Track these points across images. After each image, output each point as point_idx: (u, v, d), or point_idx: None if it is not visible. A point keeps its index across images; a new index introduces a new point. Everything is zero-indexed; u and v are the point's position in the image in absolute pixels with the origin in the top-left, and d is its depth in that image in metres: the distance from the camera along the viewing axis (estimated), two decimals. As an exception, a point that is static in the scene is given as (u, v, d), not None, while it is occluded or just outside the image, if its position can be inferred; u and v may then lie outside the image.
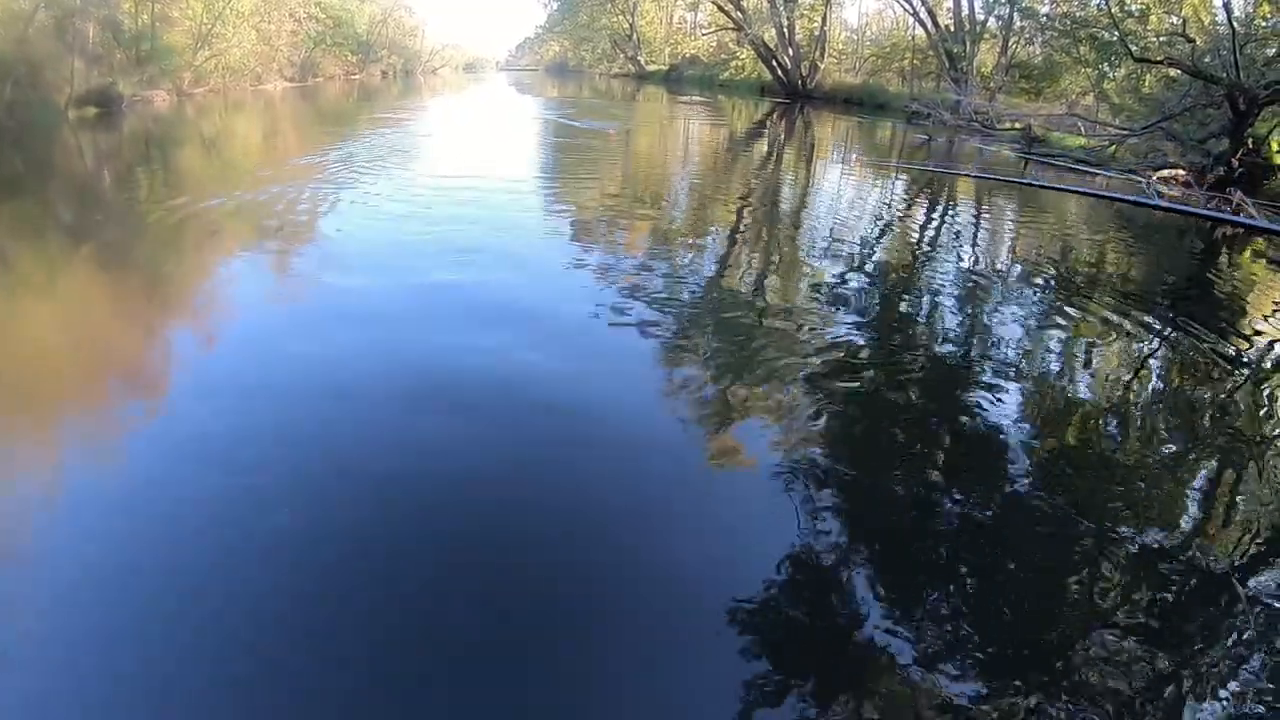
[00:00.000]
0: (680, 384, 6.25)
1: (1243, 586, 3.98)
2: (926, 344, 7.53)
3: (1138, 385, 7.16)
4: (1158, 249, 13.16)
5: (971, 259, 11.41)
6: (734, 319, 7.88)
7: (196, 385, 5.57)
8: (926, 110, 26.33)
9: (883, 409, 6.00)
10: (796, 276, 9.74)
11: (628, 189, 15.21)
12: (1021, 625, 3.65)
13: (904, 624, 3.49)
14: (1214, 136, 17.50)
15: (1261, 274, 12.01)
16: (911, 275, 10.26)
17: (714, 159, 20.96)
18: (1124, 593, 3.94)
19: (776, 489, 4.67)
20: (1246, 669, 3.43)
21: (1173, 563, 4.22)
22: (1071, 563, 4.16)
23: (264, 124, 23.12)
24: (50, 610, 3.31)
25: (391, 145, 19.10)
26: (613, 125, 24.76)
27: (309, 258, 9.27)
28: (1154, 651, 3.47)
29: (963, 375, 6.83)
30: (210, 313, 7.66)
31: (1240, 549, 4.41)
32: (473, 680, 2.97)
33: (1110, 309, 9.12)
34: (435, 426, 5.01)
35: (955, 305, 9.04)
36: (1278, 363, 8.03)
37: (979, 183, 18.14)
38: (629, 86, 51.71)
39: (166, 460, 4.48)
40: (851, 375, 6.49)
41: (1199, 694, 3.27)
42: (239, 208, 11.81)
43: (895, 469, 5.15)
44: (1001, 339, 7.97)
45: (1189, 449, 5.82)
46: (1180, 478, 5.35)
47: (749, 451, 5.27)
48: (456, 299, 8.00)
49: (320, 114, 26.41)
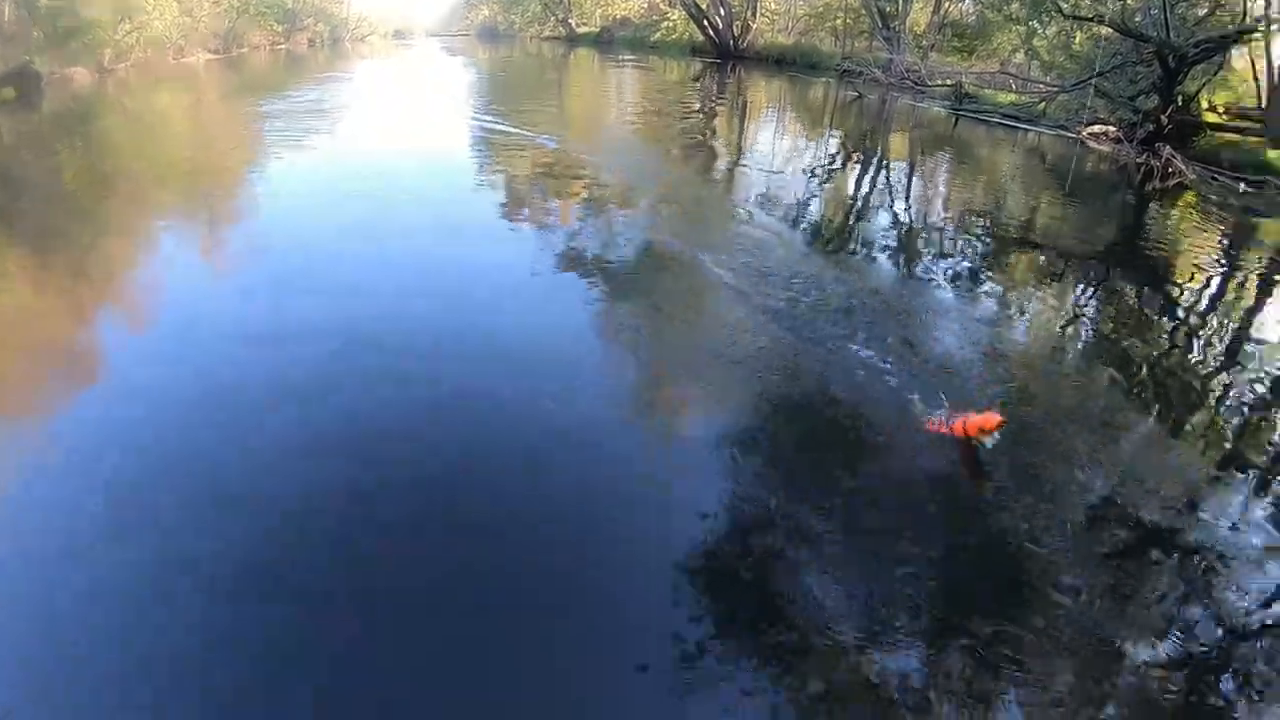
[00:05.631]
0: (612, 339, 5.96)
1: (1175, 527, 4.02)
2: (861, 298, 6.98)
3: (1073, 333, 7.03)
4: (1090, 203, 12.86)
5: (906, 213, 10.93)
6: (670, 274, 7.39)
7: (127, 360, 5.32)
8: (859, 69, 25.91)
9: (817, 361, 5.55)
10: (732, 233, 9.04)
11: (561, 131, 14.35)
12: (955, 567, 3.61)
13: (832, 570, 3.49)
14: (1144, 94, 17.37)
15: (1190, 226, 11.82)
16: (845, 231, 9.74)
17: (645, 116, 20.13)
18: (1056, 534, 3.83)
19: (709, 441, 4.51)
20: (1183, 609, 3.44)
21: (1105, 503, 4.12)
22: (1008, 511, 4.00)
23: (186, 100, 21.58)
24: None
25: (317, 111, 17.85)
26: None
27: (244, 238, 8.33)
28: (1089, 592, 3.46)
29: (898, 328, 6.32)
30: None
31: (1172, 490, 4.38)
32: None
33: (1045, 260, 8.98)
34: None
35: (891, 258, 8.61)
36: (1207, 310, 7.97)
37: (913, 140, 17.77)
38: (560, 49, 50.44)
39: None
40: (785, 330, 6.02)
41: (1131, 633, 3.27)
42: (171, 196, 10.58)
43: (828, 420, 4.84)
44: (936, 292, 7.56)
45: (1123, 393, 5.74)
46: (1115, 420, 5.24)
47: (678, 403, 5.11)
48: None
49: (245, 86, 24.63)
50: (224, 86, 23.33)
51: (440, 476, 4.09)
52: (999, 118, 19.92)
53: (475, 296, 6.55)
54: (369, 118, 16.22)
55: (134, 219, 8.79)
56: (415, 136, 13.43)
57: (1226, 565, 3.75)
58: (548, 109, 19.46)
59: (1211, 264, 9.59)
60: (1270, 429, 5.36)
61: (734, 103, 22.92)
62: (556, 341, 5.77)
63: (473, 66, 34.52)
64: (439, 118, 15.77)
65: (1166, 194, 13.53)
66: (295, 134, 13.36)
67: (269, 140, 12.91)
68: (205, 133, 15.28)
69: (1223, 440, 5.13)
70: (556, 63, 40.14)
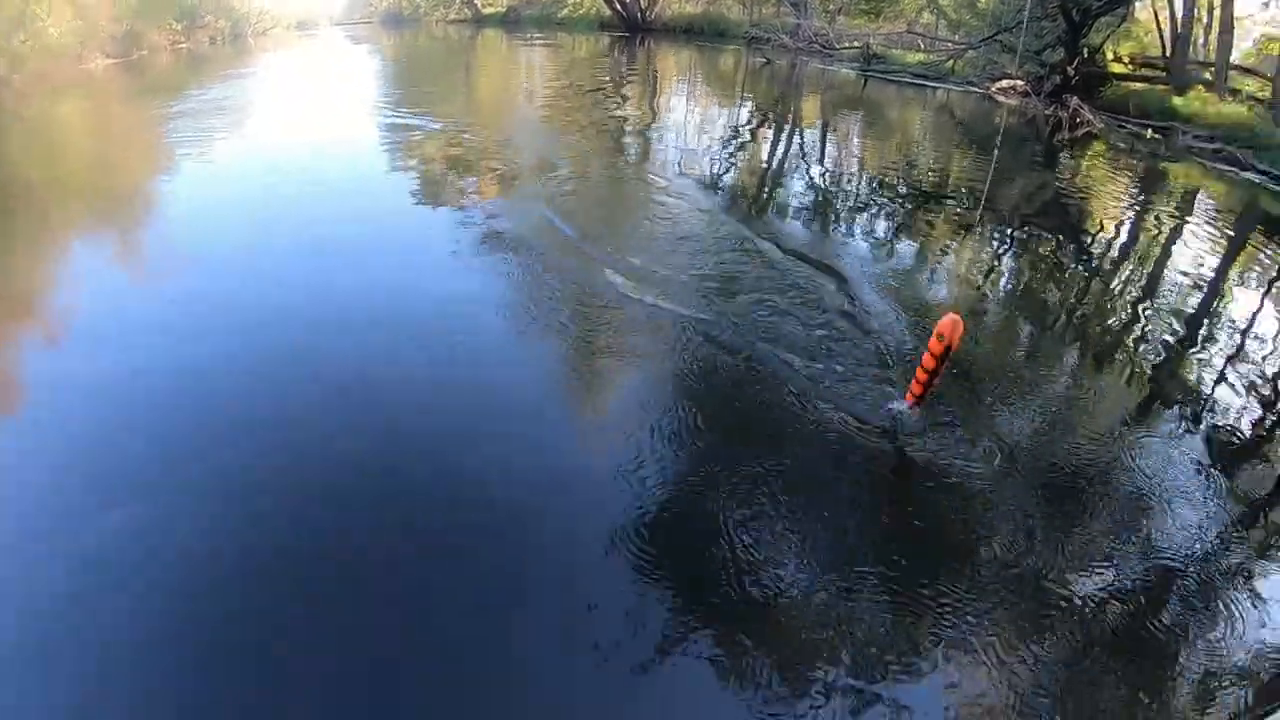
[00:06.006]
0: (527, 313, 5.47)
1: (1100, 462, 4.07)
2: (780, 262, 6.58)
3: (990, 285, 6.85)
4: (1002, 156, 12.66)
5: (821, 175, 10.47)
6: (586, 242, 6.88)
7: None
8: (766, 35, 25.51)
9: (737, 326, 5.25)
10: (648, 203, 8.46)
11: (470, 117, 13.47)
12: (887, 527, 3.58)
13: (766, 531, 3.39)
14: (1050, 47, 17.32)
15: (1101, 174, 11.71)
16: (761, 195, 9.24)
17: (554, 95, 19.32)
18: (981, 483, 3.79)
19: (631, 409, 4.34)
20: (1098, 555, 3.40)
21: (1030, 454, 4.08)
22: (935, 465, 3.90)
23: (87, 106, 19.86)
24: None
25: (220, 110, 16.61)
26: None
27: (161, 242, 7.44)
28: (1011, 540, 3.42)
29: (815, 289, 5.98)
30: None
31: (1096, 426, 4.44)
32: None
33: (960, 214, 8.70)
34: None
35: (808, 219, 8.19)
36: (1119, 257, 7.93)
37: (824, 102, 17.41)
38: (467, 32, 49.16)
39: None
40: (706, 298, 5.72)
41: (1055, 576, 3.24)
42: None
43: (752, 385, 4.62)
44: (854, 250, 7.20)
45: (1042, 341, 5.76)
46: (1036, 370, 5.23)
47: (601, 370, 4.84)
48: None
49: (147, 89, 22.89)
50: (125, 90, 21.74)
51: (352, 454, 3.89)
52: (908, 77, 19.75)
53: (385, 275, 6.17)
54: (272, 114, 15.12)
55: (34, 232, 7.81)
56: (320, 130, 12.39)
57: (1152, 500, 3.78)
58: (455, 95, 18.41)
59: (1123, 208, 9.53)
60: (1187, 364, 5.42)
61: (644, 75, 22.24)
62: (475, 313, 5.48)
63: (377, 54, 33.09)
64: (344, 110, 14.70)
65: (1076, 143, 13.45)
66: (198, 134, 12.19)
67: (173, 142, 11.81)
68: (108, 138, 14.03)
69: (1144, 377, 5.18)
70: (463, 45, 38.90)
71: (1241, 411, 4.75)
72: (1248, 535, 3.64)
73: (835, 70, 21.75)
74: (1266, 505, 3.90)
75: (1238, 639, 3.01)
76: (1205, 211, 9.85)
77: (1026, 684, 2.76)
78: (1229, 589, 3.26)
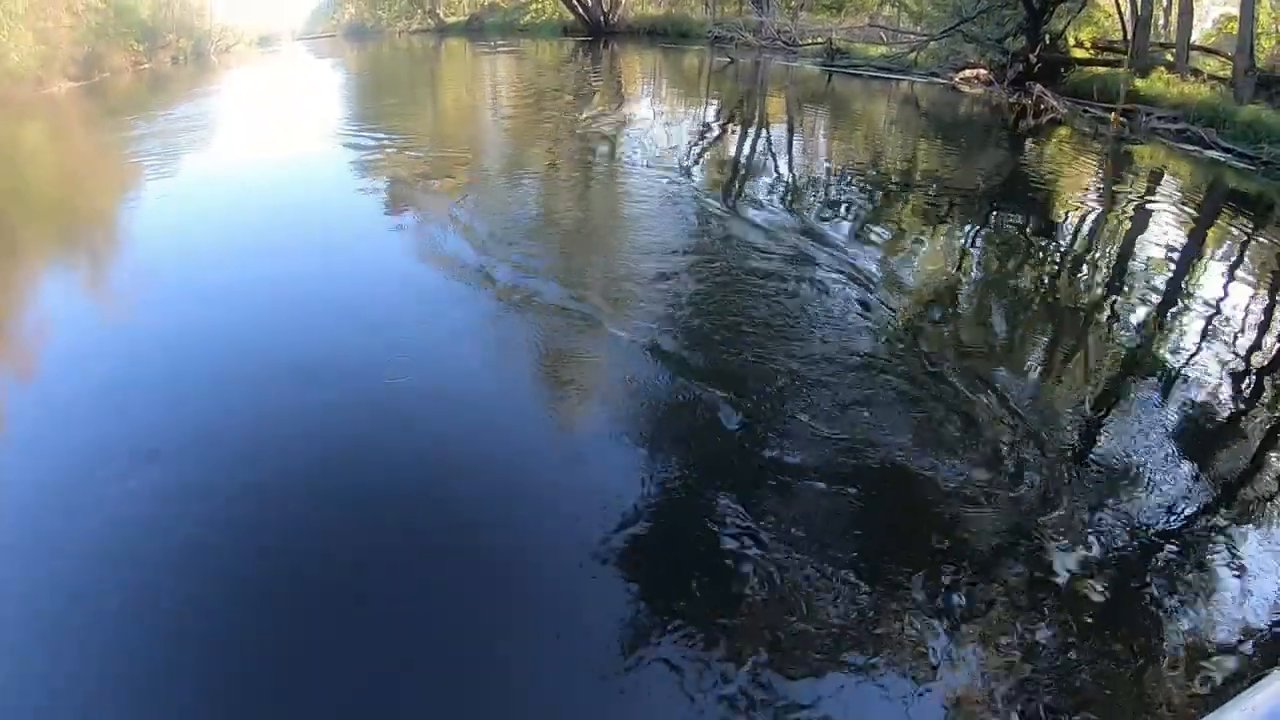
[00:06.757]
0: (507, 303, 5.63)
1: (1069, 438, 4.11)
2: (752, 256, 6.57)
3: (961, 270, 6.81)
4: (967, 145, 12.61)
5: (791, 169, 10.35)
6: (564, 238, 7.12)
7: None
8: (730, 34, 25.37)
9: (716, 315, 5.36)
10: (620, 202, 8.40)
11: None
12: (874, 511, 3.54)
13: (761, 520, 3.38)
14: (1011, 35, 17.33)
15: (1066, 158, 11.70)
16: (733, 190, 9.10)
17: (518, 103, 19.09)
18: (960, 460, 3.80)
19: (616, 403, 4.41)
20: (1072, 527, 3.38)
21: (1006, 431, 4.08)
22: (915, 451, 3.89)
23: (50, 128, 19.51)
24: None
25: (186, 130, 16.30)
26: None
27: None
28: (987, 513, 3.45)
29: (792, 280, 6.02)
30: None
31: (1065, 414, 4.42)
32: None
33: (927, 203, 8.64)
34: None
35: (781, 213, 8.05)
36: (1086, 239, 7.90)
37: (790, 97, 17.33)
38: (430, 42, 48.89)
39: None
40: (683, 289, 5.81)
41: (1028, 545, 3.29)
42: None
43: (734, 372, 4.64)
44: (827, 239, 7.07)
45: (1014, 323, 5.77)
46: (1010, 352, 5.30)
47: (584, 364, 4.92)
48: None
49: (110, 110, 22.42)
50: (89, 113, 21.44)
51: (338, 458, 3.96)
52: (872, 70, 19.69)
53: (356, 290, 6.16)
54: (235, 133, 14.84)
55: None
56: (284, 148, 12.12)
57: (1124, 477, 3.77)
58: (419, 107, 18.20)
59: (1088, 191, 9.56)
60: (1155, 341, 5.43)
61: (609, 79, 22.08)
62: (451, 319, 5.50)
63: (340, 68, 32.74)
64: (308, 127, 14.46)
65: (1041, 130, 13.43)
66: (161, 155, 11.89)
67: (137, 163, 11.52)
68: (73, 161, 13.75)
69: (1115, 358, 5.20)
70: (427, 55, 38.61)
71: (1216, 384, 4.75)
72: (1227, 509, 3.63)
73: (799, 66, 21.66)
74: (1243, 477, 3.90)
75: (1223, 612, 3.00)
76: (1170, 190, 9.83)
77: (1016, 665, 2.76)
78: (1213, 563, 3.26)
